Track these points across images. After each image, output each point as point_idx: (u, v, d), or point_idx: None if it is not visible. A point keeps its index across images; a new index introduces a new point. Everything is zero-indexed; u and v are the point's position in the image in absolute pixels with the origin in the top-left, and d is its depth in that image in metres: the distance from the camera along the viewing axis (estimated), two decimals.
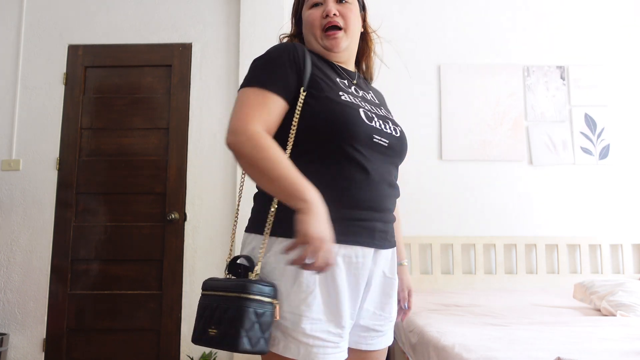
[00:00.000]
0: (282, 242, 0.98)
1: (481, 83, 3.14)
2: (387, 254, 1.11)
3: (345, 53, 1.18)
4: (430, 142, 3.10)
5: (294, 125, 1.02)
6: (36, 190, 2.98)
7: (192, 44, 3.11)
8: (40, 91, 3.07)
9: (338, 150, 1.01)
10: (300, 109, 1.03)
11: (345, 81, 1.14)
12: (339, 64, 1.18)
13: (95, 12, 3.14)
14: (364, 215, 1.03)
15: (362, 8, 1.25)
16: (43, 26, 3.13)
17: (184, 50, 3.10)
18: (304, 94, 1.03)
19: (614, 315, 2.18)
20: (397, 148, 1.10)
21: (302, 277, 0.97)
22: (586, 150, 3.10)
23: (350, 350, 1.09)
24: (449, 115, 3.11)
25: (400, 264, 1.25)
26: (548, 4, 3.23)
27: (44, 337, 2.88)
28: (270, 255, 1.00)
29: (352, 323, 1.05)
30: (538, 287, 2.89)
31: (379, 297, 1.10)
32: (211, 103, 3.06)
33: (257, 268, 0.98)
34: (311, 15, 1.15)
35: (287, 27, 1.40)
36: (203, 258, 2.93)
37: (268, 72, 1.03)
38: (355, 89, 1.15)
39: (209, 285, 1.00)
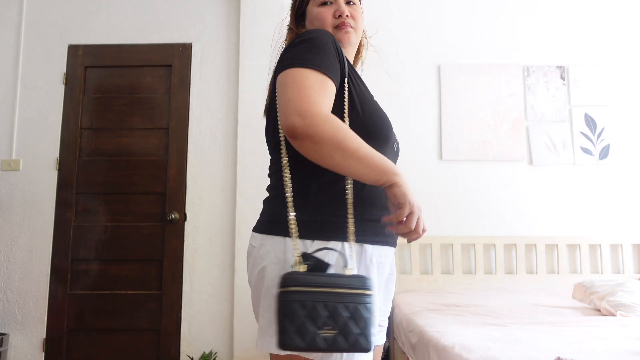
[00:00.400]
0: (318, 245, 0.95)
1: (481, 83, 3.14)
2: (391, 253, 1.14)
3: (349, 50, 1.18)
4: (430, 142, 3.10)
5: (345, 118, 1.00)
6: (36, 190, 2.99)
7: (192, 44, 3.11)
8: (40, 91, 3.07)
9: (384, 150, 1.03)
10: (347, 101, 1.02)
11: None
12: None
13: (95, 12, 3.14)
14: (381, 214, 1.01)
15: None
16: (43, 26, 3.13)
17: (184, 50, 3.10)
18: (347, 86, 1.03)
19: (614, 315, 2.18)
20: (398, 151, 1.16)
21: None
22: (586, 150, 3.10)
23: None
24: (449, 115, 3.11)
25: None
26: (548, 4, 3.23)
27: (44, 337, 2.88)
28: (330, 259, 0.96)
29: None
30: (538, 287, 2.89)
31: (383, 294, 1.11)
32: (211, 103, 3.06)
33: (350, 268, 0.93)
34: (322, 12, 1.16)
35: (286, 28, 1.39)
36: (203, 258, 2.93)
37: (322, 56, 0.97)
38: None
39: (308, 281, 0.87)
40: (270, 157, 1.10)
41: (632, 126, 3.13)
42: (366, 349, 0.85)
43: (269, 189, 1.09)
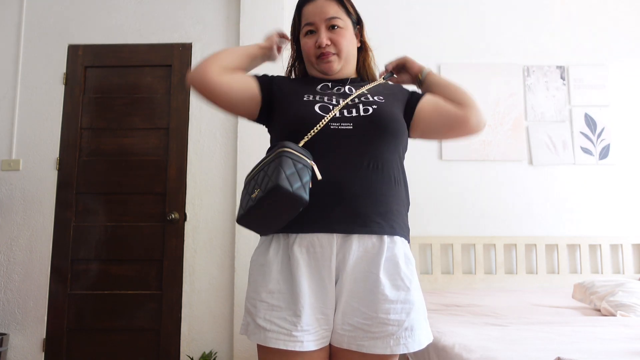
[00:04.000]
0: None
1: (481, 83, 3.14)
2: (364, 243, 1.06)
3: (340, 73, 1.27)
4: (430, 142, 3.09)
5: (271, 128, 1.25)
6: (36, 190, 2.98)
7: (192, 44, 3.11)
8: (40, 91, 3.07)
9: (299, 142, 1.08)
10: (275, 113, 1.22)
11: (329, 83, 1.25)
12: (330, 78, 1.27)
13: (95, 12, 3.14)
14: (323, 204, 1.04)
15: (357, 23, 1.32)
16: (43, 26, 3.13)
17: (184, 50, 3.10)
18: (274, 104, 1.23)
19: (614, 315, 2.18)
20: (364, 127, 1.11)
21: (267, 266, 1.07)
22: (586, 150, 3.10)
23: (341, 350, 1.07)
24: None
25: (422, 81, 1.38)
26: (548, 4, 3.23)
27: (44, 337, 2.88)
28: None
29: (321, 317, 1.05)
30: (538, 287, 2.89)
31: (363, 294, 1.04)
32: None
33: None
34: (306, 44, 1.27)
35: (287, 28, 1.42)
36: (203, 258, 2.93)
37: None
38: (337, 88, 1.23)
39: (269, 153, 1.06)
40: None
41: (632, 126, 3.13)
42: (276, 187, 0.95)
43: None
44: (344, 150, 1.09)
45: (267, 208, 1.00)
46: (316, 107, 1.14)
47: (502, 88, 3.14)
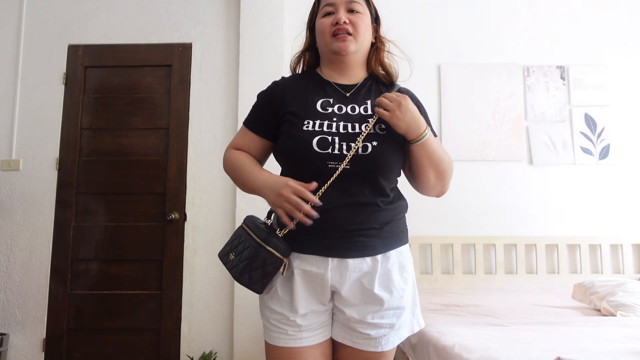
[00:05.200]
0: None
1: (481, 83, 3.14)
2: (359, 266, 1.15)
3: (352, 58, 1.25)
4: None
5: (276, 156, 1.26)
6: (36, 190, 2.99)
7: (192, 44, 3.11)
8: (40, 91, 3.07)
9: (296, 175, 1.15)
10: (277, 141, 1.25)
11: (331, 99, 1.22)
12: (337, 82, 1.26)
13: (95, 12, 3.14)
14: (319, 232, 1.14)
15: (375, 20, 1.34)
16: (43, 26, 3.13)
17: (184, 50, 3.10)
18: (280, 127, 1.23)
19: (614, 315, 2.18)
20: (362, 169, 1.13)
21: (272, 279, 1.18)
22: (586, 150, 3.10)
23: (339, 344, 1.22)
24: (449, 115, 3.11)
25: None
26: (548, 4, 3.23)
27: (44, 337, 2.88)
28: None
29: (318, 320, 1.18)
30: (538, 287, 2.89)
31: (360, 306, 1.17)
32: (211, 103, 3.06)
33: (285, 231, 1.15)
34: (322, 23, 1.25)
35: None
36: (203, 258, 2.93)
37: (250, 115, 1.30)
38: (339, 107, 1.21)
39: (249, 222, 1.19)
40: None
41: (632, 126, 3.13)
42: (236, 278, 1.16)
43: None
44: (340, 187, 1.13)
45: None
46: (314, 143, 1.13)
47: (502, 88, 3.14)
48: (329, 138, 1.14)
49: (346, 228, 1.14)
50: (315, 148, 1.13)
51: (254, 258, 1.12)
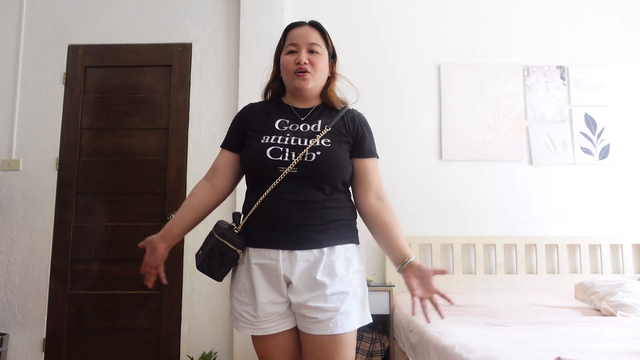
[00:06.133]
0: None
1: (481, 83, 3.14)
2: (306, 257, 1.30)
3: (310, 92, 1.43)
4: (430, 142, 3.10)
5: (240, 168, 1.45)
6: (36, 190, 2.98)
7: (192, 44, 3.11)
8: (40, 91, 3.07)
9: (255, 181, 1.38)
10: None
11: (288, 120, 1.42)
12: (295, 106, 1.45)
13: (95, 12, 3.14)
14: (272, 228, 1.32)
15: (332, 56, 1.48)
16: (43, 26, 3.13)
17: (184, 50, 3.10)
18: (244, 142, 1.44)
19: (614, 315, 2.18)
20: (308, 172, 1.31)
21: (237, 271, 1.40)
22: (586, 150, 3.10)
23: (301, 333, 1.34)
24: (449, 115, 3.11)
25: (403, 264, 1.34)
26: (548, 3, 3.23)
27: (44, 337, 2.88)
28: None
29: (278, 309, 1.33)
30: (538, 287, 2.89)
31: (306, 293, 1.29)
32: (211, 103, 3.06)
33: (240, 226, 1.36)
34: (286, 60, 1.41)
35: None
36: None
37: (226, 136, 1.50)
38: (293, 125, 1.40)
39: (216, 224, 1.39)
40: None
41: (632, 126, 3.13)
42: (197, 265, 1.41)
43: None
44: (289, 188, 1.31)
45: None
46: (268, 152, 1.33)
47: (502, 88, 3.14)
48: (281, 149, 1.34)
49: (293, 223, 1.30)
50: (269, 156, 1.33)
51: (212, 249, 1.34)
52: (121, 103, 3.06)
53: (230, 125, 1.52)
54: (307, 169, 1.31)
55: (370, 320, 1.38)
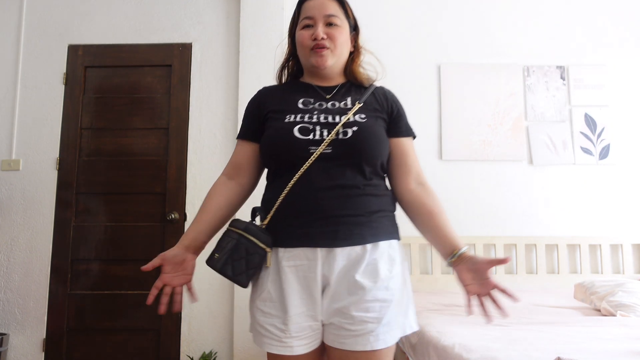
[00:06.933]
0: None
1: (481, 83, 3.14)
2: (347, 254, 1.12)
3: (330, 70, 1.28)
4: (430, 142, 3.10)
5: (260, 155, 1.27)
6: (36, 190, 2.98)
7: (192, 44, 3.11)
8: (40, 91, 3.07)
9: (280, 167, 1.19)
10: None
11: (312, 99, 1.25)
12: (317, 84, 1.29)
13: (95, 12, 3.14)
14: (306, 221, 1.13)
15: (354, 29, 1.34)
16: (43, 26, 3.13)
17: (184, 50, 3.10)
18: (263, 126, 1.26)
19: (614, 315, 2.18)
20: (343, 152, 1.15)
21: (261, 277, 1.18)
22: (586, 150, 3.10)
23: (329, 348, 1.15)
24: (449, 115, 3.11)
25: (453, 257, 1.17)
26: (548, 3, 3.23)
27: (44, 337, 2.88)
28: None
29: (311, 323, 1.13)
30: (538, 287, 2.89)
31: (343, 297, 1.12)
32: (211, 103, 3.06)
33: (266, 221, 1.17)
34: (301, 35, 1.28)
35: (287, 28, 1.42)
36: (203, 258, 2.92)
37: (241, 126, 1.33)
38: (320, 103, 1.24)
39: (232, 223, 1.20)
40: None
41: (632, 126, 3.13)
42: (219, 270, 1.17)
43: None
44: (323, 172, 1.13)
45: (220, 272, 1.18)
46: (295, 131, 1.16)
47: (502, 88, 3.14)
48: (310, 126, 1.17)
49: (331, 214, 1.12)
50: (297, 134, 1.16)
51: (235, 249, 1.13)
52: (121, 103, 3.06)
53: (245, 113, 1.33)
54: (343, 147, 1.14)
55: (415, 328, 1.20)
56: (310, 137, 1.15)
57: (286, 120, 1.19)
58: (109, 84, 3.09)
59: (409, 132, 1.29)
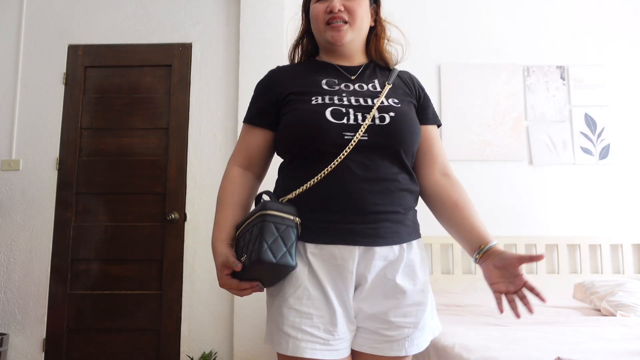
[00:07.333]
0: None
1: (481, 83, 3.14)
2: (385, 254, 1.03)
3: (349, 47, 1.16)
4: None
5: (277, 141, 1.13)
6: (36, 190, 2.98)
7: (192, 44, 3.11)
8: (40, 91, 3.07)
9: (307, 155, 1.04)
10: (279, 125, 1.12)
11: (337, 80, 1.12)
12: (339, 64, 1.17)
13: (95, 12, 3.14)
14: (336, 216, 1.01)
15: (374, 1, 1.23)
16: (43, 26, 3.13)
17: (184, 50, 3.10)
18: (281, 110, 1.12)
19: (614, 315, 2.18)
20: (381, 139, 1.03)
21: (292, 273, 1.01)
22: (586, 150, 3.10)
23: (357, 353, 1.07)
24: (449, 115, 3.11)
25: (480, 252, 1.07)
26: (548, 3, 3.23)
27: (44, 337, 2.88)
28: None
29: (349, 324, 1.03)
30: (538, 287, 2.88)
31: (379, 300, 1.04)
32: (211, 103, 3.06)
33: (285, 199, 1.03)
34: (315, 9, 1.15)
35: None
36: (203, 258, 2.93)
37: (249, 109, 1.18)
38: (347, 85, 1.12)
39: (242, 221, 1.05)
40: None
41: (632, 126, 3.13)
42: (259, 259, 0.92)
43: None
44: (359, 162, 1.01)
45: (256, 273, 0.98)
46: (327, 114, 1.03)
47: (502, 88, 3.14)
48: (343, 109, 1.04)
49: (372, 209, 1.01)
50: (330, 118, 1.02)
51: (263, 231, 0.94)
52: (121, 103, 3.06)
53: (256, 96, 1.18)
54: (381, 134, 1.03)
55: (441, 328, 1.15)
56: (344, 121, 1.02)
57: (313, 102, 1.05)
58: (109, 84, 3.09)
59: (435, 120, 1.20)
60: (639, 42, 3.21)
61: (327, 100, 1.05)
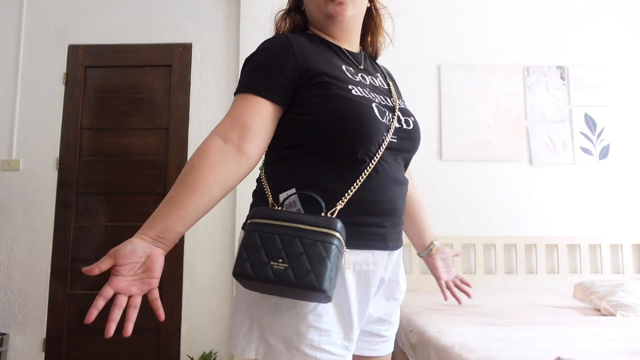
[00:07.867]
0: None
1: (481, 83, 3.14)
2: (393, 256, 1.02)
3: (349, 24, 1.05)
4: (430, 142, 3.10)
5: (297, 126, 0.94)
6: (36, 190, 2.99)
7: (192, 44, 3.11)
8: (40, 91, 3.07)
9: (349, 152, 0.91)
10: (303, 108, 0.94)
11: (352, 68, 1.02)
12: (345, 48, 1.06)
13: (95, 12, 3.14)
14: (375, 220, 0.94)
15: None
16: (43, 26, 3.13)
17: (184, 50, 3.10)
18: (306, 90, 0.93)
19: (614, 315, 2.18)
20: (407, 144, 1.00)
21: None
22: (586, 150, 3.10)
23: (357, 357, 1.05)
24: (449, 115, 3.11)
25: (433, 247, 1.26)
26: (548, 3, 3.23)
27: (44, 337, 2.88)
28: None
29: (358, 332, 0.99)
30: (538, 287, 2.89)
31: (384, 302, 1.04)
32: (211, 103, 3.06)
33: (337, 209, 0.88)
34: None
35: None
36: (203, 258, 2.93)
37: (259, 75, 0.95)
38: (362, 75, 1.02)
39: (272, 214, 0.85)
40: None
41: (632, 126, 3.13)
42: (314, 288, 0.78)
43: None
44: (390, 165, 0.96)
45: (286, 290, 0.83)
46: (376, 110, 0.93)
47: (502, 88, 3.14)
48: (382, 107, 0.96)
49: (400, 213, 0.99)
50: (378, 116, 0.93)
51: (329, 254, 0.81)
52: (121, 103, 3.07)
53: (269, 64, 0.94)
54: (406, 138, 0.99)
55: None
56: (385, 120, 0.95)
57: (354, 92, 0.92)
58: (109, 84, 3.09)
59: None
60: (638, 42, 3.21)
61: (365, 94, 0.95)
